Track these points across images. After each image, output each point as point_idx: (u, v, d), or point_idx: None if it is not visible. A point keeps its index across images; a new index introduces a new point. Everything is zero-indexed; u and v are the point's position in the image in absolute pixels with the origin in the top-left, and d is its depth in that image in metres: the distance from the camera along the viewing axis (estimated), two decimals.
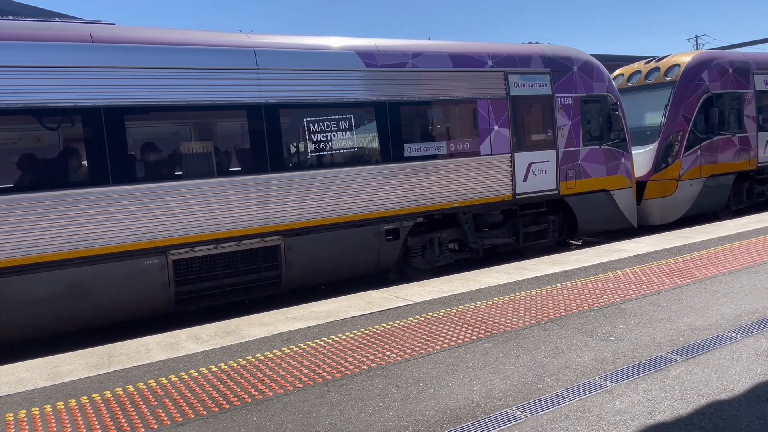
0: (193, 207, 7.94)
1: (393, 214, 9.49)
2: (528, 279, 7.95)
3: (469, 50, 10.52)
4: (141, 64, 7.77)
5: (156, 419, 4.26)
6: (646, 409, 4.02)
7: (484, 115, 10.39)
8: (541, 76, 11.08)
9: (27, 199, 7.03)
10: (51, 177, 7.38)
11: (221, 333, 6.30)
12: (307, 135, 8.85)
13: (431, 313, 6.58)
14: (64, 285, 7.20)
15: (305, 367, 5.13)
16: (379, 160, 9.46)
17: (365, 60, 9.37)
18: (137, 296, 7.65)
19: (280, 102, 8.63)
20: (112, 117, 7.55)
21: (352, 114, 9.19)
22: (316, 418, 4.15)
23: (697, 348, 5.09)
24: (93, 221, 7.34)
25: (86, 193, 7.35)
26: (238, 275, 8.34)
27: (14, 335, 7.15)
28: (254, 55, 8.50)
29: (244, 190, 8.31)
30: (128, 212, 7.54)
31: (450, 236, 10.34)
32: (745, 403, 4.03)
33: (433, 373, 4.84)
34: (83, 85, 7.41)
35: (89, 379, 5.13)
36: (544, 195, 11.10)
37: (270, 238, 8.48)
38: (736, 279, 7.32)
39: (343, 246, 9.06)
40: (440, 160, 9.98)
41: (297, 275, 8.76)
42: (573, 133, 11.40)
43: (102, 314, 7.55)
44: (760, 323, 5.63)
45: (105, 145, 7.49)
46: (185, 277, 7.95)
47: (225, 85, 8.25)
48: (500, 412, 4.11)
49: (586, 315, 6.21)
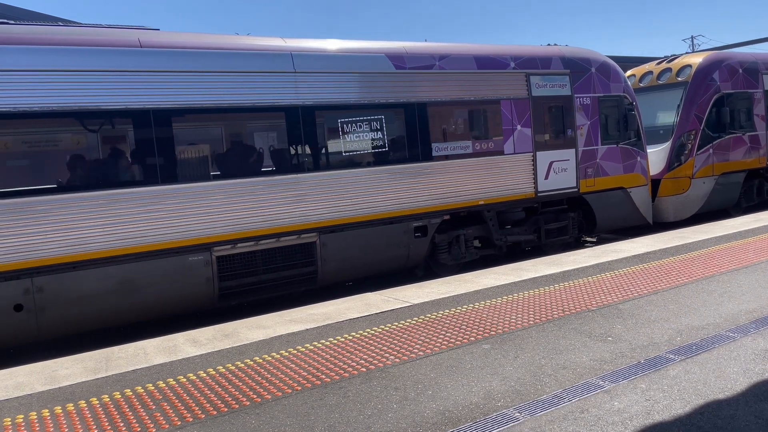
0: (235, 205, 8.25)
1: (421, 212, 9.81)
2: (526, 280, 7.96)
3: (492, 52, 10.86)
4: (186, 68, 8.11)
5: (154, 423, 4.25)
6: (645, 409, 4.02)
7: (507, 115, 10.71)
8: (561, 77, 11.42)
9: (80, 198, 7.32)
10: (103, 177, 7.70)
11: (219, 336, 6.29)
12: (341, 135, 9.20)
13: (429, 315, 6.58)
14: (115, 281, 7.49)
15: (304, 370, 5.12)
16: (408, 159, 9.75)
17: (395, 62, 9.71)
18: (183, 291, 7.95)
19: (315, 104, 8.97)
20: (159, 119, 7.89)
21: (383, 115, 9.52)
22: (315, 421, 4.15)
23: (695, 348, 5.09)
24: (142, 219, 7.64)
25: (136, 192, 7.66)
26: (276, 271, 8.66)
27: (69, 329, 7.40)
28: (291, 59, 8.86)
29: (282, 189, 8.64)
30: (174, 210, 7.84)
31: (475, 233, 10.66)
32: (744, 402, 4.04)
33: (432, 375, 4.84)
34: (133, 88, 7.75)
35: (87, 383, 5.12)
36: (565, 193, 11.41)
37: (306, 235, 8.80)
38: (733, 278, 7.33)
39: (375, 243, 9.39)
40: (466, 159, 10.30)
41: (332, 271, 9.07)
42: (592, 132, 11.74)
43: (150, 309, 7.83)
44: (757, 322, 5.64)
45: (154, 145, 7.84)
46: (228, 272, 8.25)
47: (264, 88, 8.60)
48: (499, 413, 4.10)
49: (584, 315, 6.22)
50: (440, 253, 10.24)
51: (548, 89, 11.22)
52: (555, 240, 11.54)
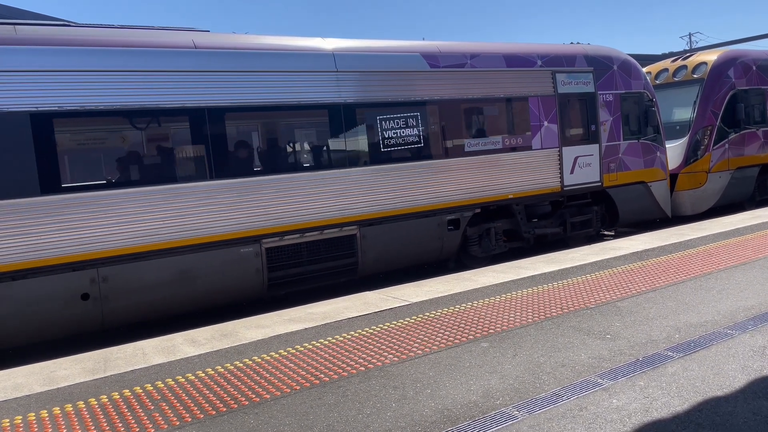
0: (282, 199, 8.66)
1: (454, 206, 10.21)
2: (524, 278, 7.96)
3: (520, 51, 11.22)
4: (236, 68, 8.50)
5: (153, 423, 4.25)
6: (643, 407, 4.02)
7: (534, 111, 11.09)
8: (585, 74, 11.77)
9: (141, 192, 7.72)
10: (162, 172, 8.08)
11: (218, 336, 6.29)
12: (380, 132, 9.57)
13: (428, 314, 6.58)
14: (173, 271, 7.88)
15: (302, 369, 5.12)
16: (443, 154, 10.15)
17: (429, 61, 10.07)
18: (236, 281, 8.34)
19: (356, 102, 9.37)
20: (213, 117, 8.28)
21: (418, 112, 9.91)
22: (314, 420, 4.15)
23: (693, 345, 5.10)
24: (198, 212, 8.04)
25: (192, 187, 8.06)
26: (320, 262, 9.05)
27: (131, 318, 7.79)
28: (333, 59, 9.24)
29: (326, 183, 9.03)
30: (227, 204, 8.24)
31: (503, 226, 11.02)
32: (742, 399, 4.04)
33: (431, 374, 4.84)
34: (190, 87, 8.14)
35: (85, 384, 5.11)
36: (589, 187, 11.78)
37: (348, 228, 9.20)
38: (731, 276, 7.34)
39: (411, 235, 9.79)
40: (496, 155, 10.69)
41: (371, 262, 9.48)
42: (614, 128, 12.11)
43: (206, 298, 8.21)
44: (755, 319, 5.64)
45: (208, 142, 8.24)
46: (276, 263, 8.66)
47: (308, 87, 8.98)
48: (498, 411, 4.11)
49: (583, 313, 6.22)
50: (471, 246, 10.64)
51: (573, 86, 11.59)
52: (579, 233, 11.92)
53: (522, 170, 10.92)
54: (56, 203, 7.21)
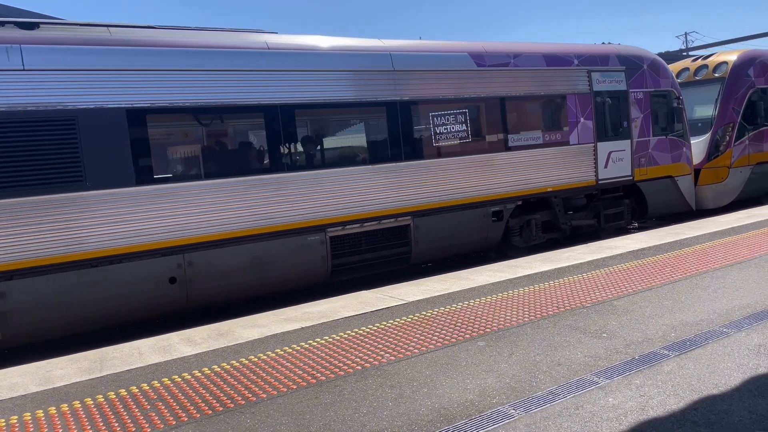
0: (345, 191, 9.24)
1: (498, 198, 10.79)
2: (521, 277, 7.97)
3: (558, 51, 11.82)
4: (304, 66, 9.06)
5: (149, 423, 4.24)
6: (639, 405, 4.03)
7: (572, 108, 11.67)
8: (618, 73, 12.35)
9: (222, 183, 8.30)
10: (240, 165, 8.74)
11: (214, 335, 6.28)
12: (432, 128, 10.16)
13: (424, 313, 6.58)
14: (249, 257, 8.44)
15: (299, 368, 5.12)
16: (488, 149, 10.71)
17: (476, 61, 10.65)
18: (303, 268, 8.93)
19: (412, 99, 9.95)
20: (285, 113, 8.86)
21: (466, 109, 10.49)
22: (310, 419, 4.15)
23: (689, 343, 5.11)
24: (271, 203, 8.63)
25: (266, 179, 8.65)
26: (377, 250, 9.63)
27: (212, 301, 8.36)
28: (391, 59, 9.82)
29: (383, 176, 9.62)
30: (297, 195, 8.83)
31: (542, 218, 11.58)
32: (737, 397, 4.05)
33: (427, 373, 4.84)
34: (264, 85, 8.71)
35: (81, 384, 5.10)
36: (621, 180, 12.35)
37: (402, 218, 9.78)
38: (727, 274, 7.36)
39: (459, 225, 10.36)
40: (537, 149, 11.23)
41: (423, 251, 10.03)
42: (644, 124, 12.68)
43: (276, 283, 8.78)
44: (751, 318, 5.66)
45: (280, 137, 8.81)
46: (339, 251, 9.23)
47: (369, 85, 9.58)
48: (494, 410, 4.11)
49: (579, 312, 6.23)
50: (513, 236, 11.20)
51: (607, 84, 12.15)
52: (612, 224, 12.48)
53: (560, 164, 11.46)
54: (149, 193, 7.81)
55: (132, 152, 7.72)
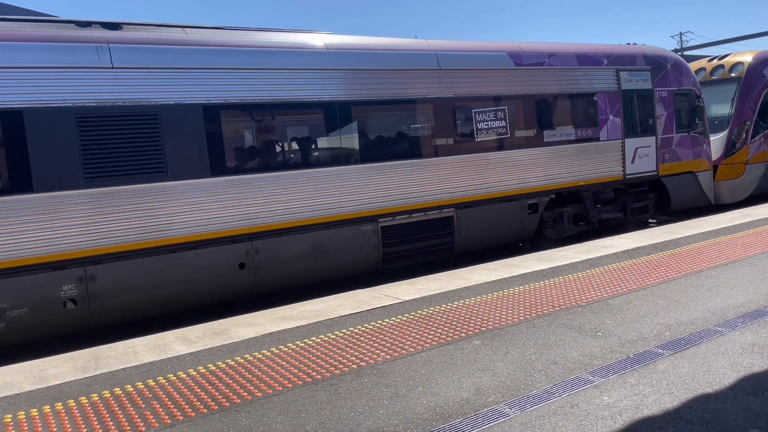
0: (395, 183, 9.77)
1: (534, 191, 11.28)
2: (516, 276, 7.98)
3: (588, 51, 12.36)
4: (360, 66, 9.58)
5: (144, 421, 4.23)
6: (634, 404, 4.05)
7: (602, 106, 12.21)
8: (644, 72, 12.90)
9: (286, 175, 8.83)
10: (302, 158, 9.25)
11: (209, 334, 6.27)
12: (474, 124, 10.66)
13: (420, 311, 6.58)
14: (310, 245, 8.96)
15: (294, 367, 5.11)
16: (525, 144, 11.22)
17: (515, 60, 11.16)
18: (357, 255, 9.46)
19: (455, 96, 10.43)
20: (342, 110, 9.37)
21: (505, 106, 10.97)
22: (306, 418, 4.14)
23: (683, 342, 5.13)
24: (329, 194, 9.13)
25: (325, 172, 9.15)
26: (424, 240, 10.11)
27: (276, 286, 8.85)
28: (437, 58, 10.32)
29: (429, 170, 10.12)
30: (352, 187, 9.35)
31: (573, 211, 12.09)
32: (732, 396, 4.07)
33: (423, 371, 4.85)
34: (323, 84, 9.22)
35: (76, 382, 5.09)
36: (646, 175, 12.87)
37: (446, 210, 10.31)
38: (721, 273, 7.39)
39: (498, 217, 10.91)
40: (570, 145, 11.77)
41: (465, 241, 10.54)
42: (668, 122, 13.20)
43: (333, 269, 9.28)
44: (745, 317, 5.68)
45: (338, 132, 9.34)
46: (389, 240, 9.75)
47: (417, 83, 10.08)
48: (489, 408, 4.12)
49: (574, 311, 6.25)
50: (546, 228, 11.70)
51: (634, 83, 12.67)
52: (637, 217, 13.00)
53: (591, 159, 12.00)
54: (222, 184, 8.33)
55: (207, 145, 8.25)
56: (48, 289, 7.26)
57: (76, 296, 7.40)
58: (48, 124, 7.28)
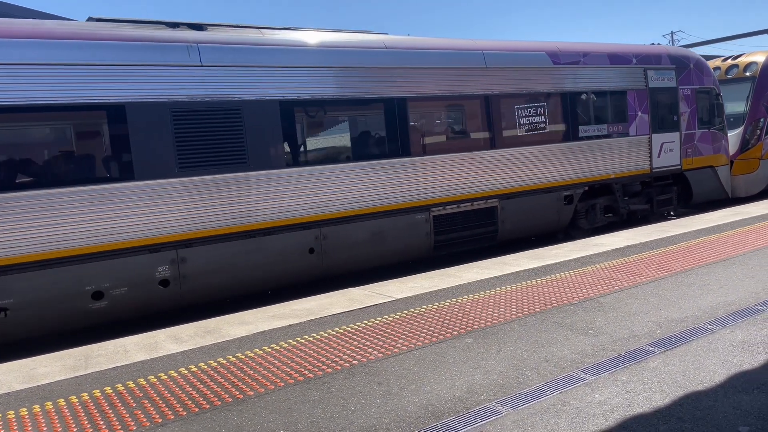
0: (445, 175, 10.37)
1: (569, 183, 11.92)
2: (508, 274, 8.00)
3: (619, 50, 13.00)
4: (417, 64, 10.20)
5: (135, 421, 4.21)
6: (625, 401, 4.06)
7: (631, 103, 12.85)
8: (669, 71, 13.56)
9: (352, 166, 9.50)
10: (363, 150, 9.85)
11: (201, 332, 6.25)
12: (516, 120, 11.25)
13: (412, 310, 6.58)
14: (370, 232, 9.62)
15: (286, 366, 5.10)
16: (562, 139, 11.83)
17: (553, 59, 11.77)
18: (412, 242, 10.09)
19: (499, 93, 11.05)
20: (399, 105, 9.99)
21: (545, 102, 11.61)
22: (298, 417, 4.13)
23: (674, 340, 5.15)
24: (386, 185, 9.78)
25: (386, 163, 9.81)
26: (470, 229, 10.74)
27: (340, 270, 9.48)
28: (483, 57, 10.96)
29: (476, 162, 10.74)
30: (407, 178, 9.97)
31: (604, 202, 12.69)
32: (722, 393, 4.09)
33: (415, 369, 4.84)
34: (384, 81, 9.85)
35: (66, 381, 5.05)
36: (671, 169, 13.54)
37: (491, 201, 10.93)
38: (712, 272, 7.43)
39: (537, 208, 11.52)
40: (602, 140, 12.41)
41: (507, 230, 11.18)
42: (691, 118, 13.88)
43: (390, 255, 9.93)
44: (735, 315, 5.72)
45: (396, 126, 9.95)
46: (439, 228, 10.37)
47: (465, 80, 10.66)
48: (482, 406, 4.12)
49: (566, 309, 6.26)
50: (579, 219, 12.32)
51: (660, 82, 13.33)
52: (662, 209, 13.74)
53: (621, 154, 12.63)
54: (295, 174, 8.99)
55: (283, 138, 8.92)
56: (145, 270, 7.87)
57: (169, 277, 8.03)
58: (147, 118, 7.89)
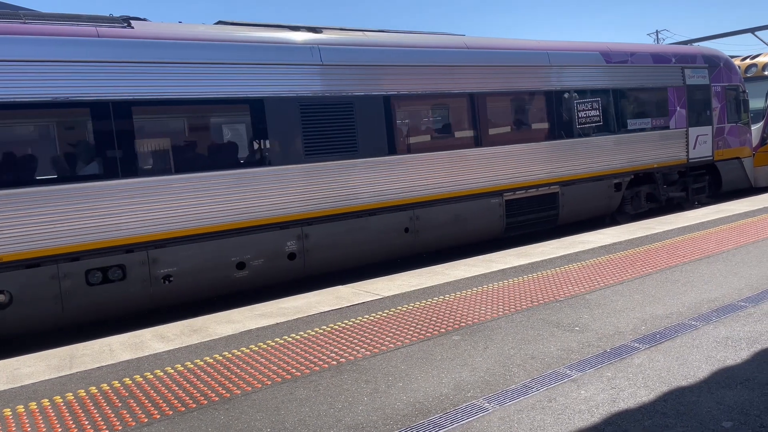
0: (515, 163, 11.39)
1: (619, 172, 12.98)
2: (495, 271, 8.03)
3: (660, 50, 14.48)
4: (493, 63, 11.25)
5: (120, 420, 4.18)
6: (611, 397, 4.09)
7: (671, 98, 14.02)
8: (703, 70, 14.74)
9: (435, 156, 10.49)
10: (449, 141, 10.85)
11: (187, 331, 6.21)
12: (575, 113, 12.36)
13: (400, 307, 6.59)
14: (452, 214, 10.65)
15: (274, 364, 5.09)
16: (613, 131, 12.93)
17: (605, 58, 12.95)
18: (487, 224, 11.13)
19: (562, 89, 12.16)
20: (481, 101, 11.04)
21: (599, 97, 12.71)
22: (285, 415, 4.13)
23: (659, 336, 5.20)
24: (467, 172, 10.83)
25: (465, 152, 10.82)
26: (534, 212, 11.75)
27: (429, 248, 10.53)
28: (548, 56, 12.06)
29: (542, 152, 11.82)
30: (484, 166, 11.02)
31: (647, 190, 13.74)
32: (706, 389, 4.14)
33: (402, 367, 4.85)
34: (465, 77, 10.88)
35: (51, 381, 5.01)
36: (704, 160, 14.69)
37: (553, 187, 11.94)
38: (695, 268, 7.51)
39: (591, 194, 12.59)
40: (646, 132, 13.53)
41: (566, 214, 12.21)
42: (721, 113, 15.04)
43: (469, 235, 10.94)
44: (719, 311, 5.78)
45: (477, 120, 11.02)
46: (510, 212, 11.38)
47: (531, 77, 11.77)
48: (468, 403, 4.14)
49: (552, 306, 6.30)
50: (625, 205, 13.34)
51: (695, 79, 14.50)
52: (697, 197, 14.84)
53: (663, 145, 13.74)
54: (395, 161, 10.04)
55: (386, 129, 9.96)
56: (277, 245, 8.94)
57: (295, 250, 9.09)
58: (281, 111, 9.00)
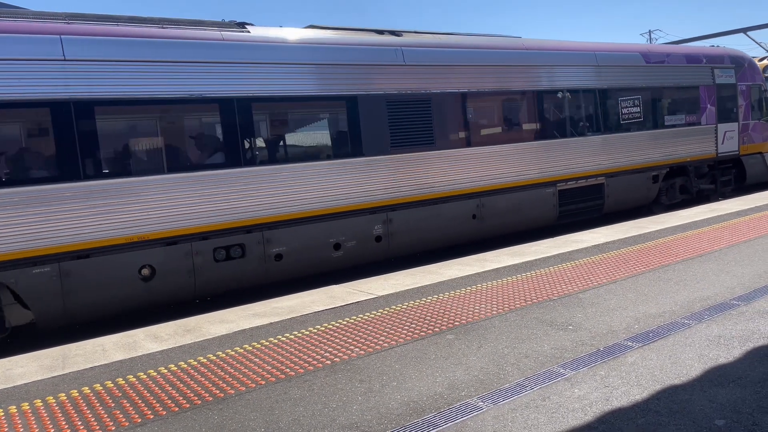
0: (564, 156, 12.20)
1: (656, 165, 13.88)
2: (489, 270, 8.04)
3: (692, 52, 15.45)
4: (549, 63, 12.18)
5: (113, 421, 4.16)
6: (604, 396, 4.11)
7: (702, 96, 14.91)
8: (730, 69, 15.68)
9: (500, 148, 11.30)
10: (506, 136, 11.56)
11: (181, 331, 6.19)
12: (618, 110, 13.19)
13: (394, 307, 6.59)
14: (512, 203, 11.41)
15: (267, 364, 5.08)
16: (652, 126, 13.86)
17: (645, 59, 13.86)
18: (542, 212, 11.95)
19: (607, 87, 12.99)
20: (539, 98, 11.97)
21: (640, 95, 13.58)
22: (279, 415, 4.12)
23: (651, 335, 5.22)
24: (526, 163, 11.62)
25: (526, 146, 11.65)
26: (583, 202, 12.59)
27: (494, 233, 11.28)
28: (595, 56, 12.98)
29: (590, 145, 12.66)
30: (541, 157, 11.81)
31: (680, 182, 14.60)
32: (698, 387, 4.16)
33: (397, 366, 4.85)
34: (517, 77, 11.64)
35: (43, 382, 4.98)
36: (731, 154, 15.58)
37: (599, 178, 12.80)
38: (688, 267, 7.54)
39: (632, 185, 13.42)
40: (681, 128, 14.41)
41: (610, 204, 13.05)
42: (746, 110, 15.96)
43: (526, 222, 11.76)
44: (711, 309, 5.81)
45: (535, 116, 11.95)
46: (562, 201, 12.21)
47: (580, 76, 12.65)
48: (463, 402, 4.14)
49: (546, 305, 6.32)
50: (661, 196, 14.22)
51: (723, 79, 15.41)
52: (723, 189, 15.59)
53: (695, 140, 14.62)
54: (467, 154, 10.85)
55: (457, 124, 10.84)
56: (366, 228, 9.76)
57: (381, 234, 9.91)
58: (372, 107, 9.83)
